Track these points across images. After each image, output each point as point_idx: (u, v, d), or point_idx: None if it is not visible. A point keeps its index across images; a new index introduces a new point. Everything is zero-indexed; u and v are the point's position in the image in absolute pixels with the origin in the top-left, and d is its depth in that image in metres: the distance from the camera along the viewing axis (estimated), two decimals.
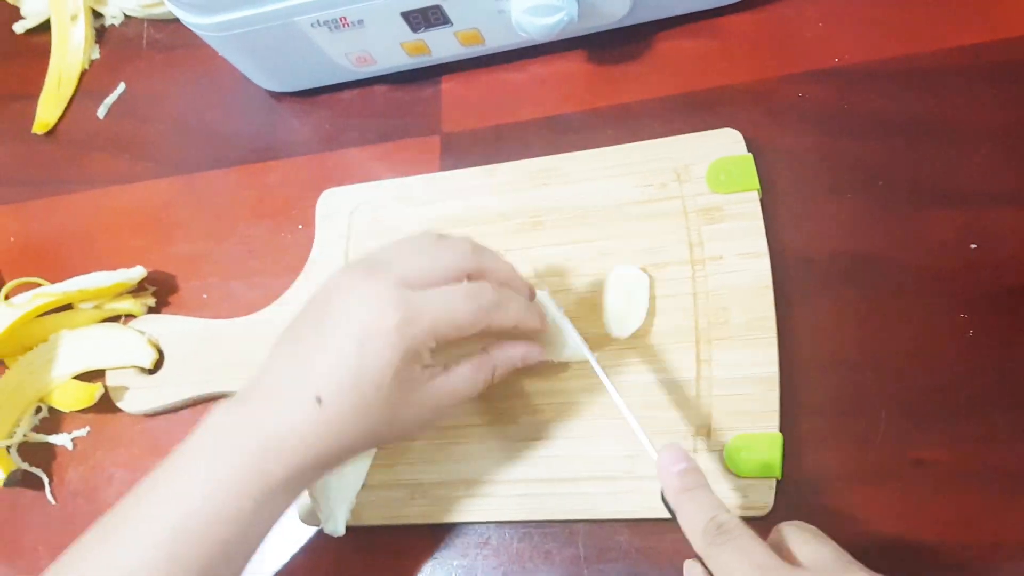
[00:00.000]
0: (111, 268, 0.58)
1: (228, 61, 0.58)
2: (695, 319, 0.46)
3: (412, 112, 0.59)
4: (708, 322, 0.45)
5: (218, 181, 0.61)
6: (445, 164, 0.56)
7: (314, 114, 0.61)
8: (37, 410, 0.57)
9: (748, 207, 0.47)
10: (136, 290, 0.59)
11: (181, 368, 0.55)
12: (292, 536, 0.49)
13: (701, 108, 0.52)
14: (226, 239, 0.59)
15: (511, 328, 0.41)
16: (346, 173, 0.58)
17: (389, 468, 0.48)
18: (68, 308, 0.59)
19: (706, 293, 0.46)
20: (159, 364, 0.55)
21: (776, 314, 0.44)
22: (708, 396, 0.44)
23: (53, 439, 0.56)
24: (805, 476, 0.43)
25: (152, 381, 0.55)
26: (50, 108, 0.67)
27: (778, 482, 0.42)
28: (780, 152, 0.49)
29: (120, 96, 0.67)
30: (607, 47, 0.56)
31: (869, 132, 0.48)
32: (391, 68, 0.57)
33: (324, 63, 0.56)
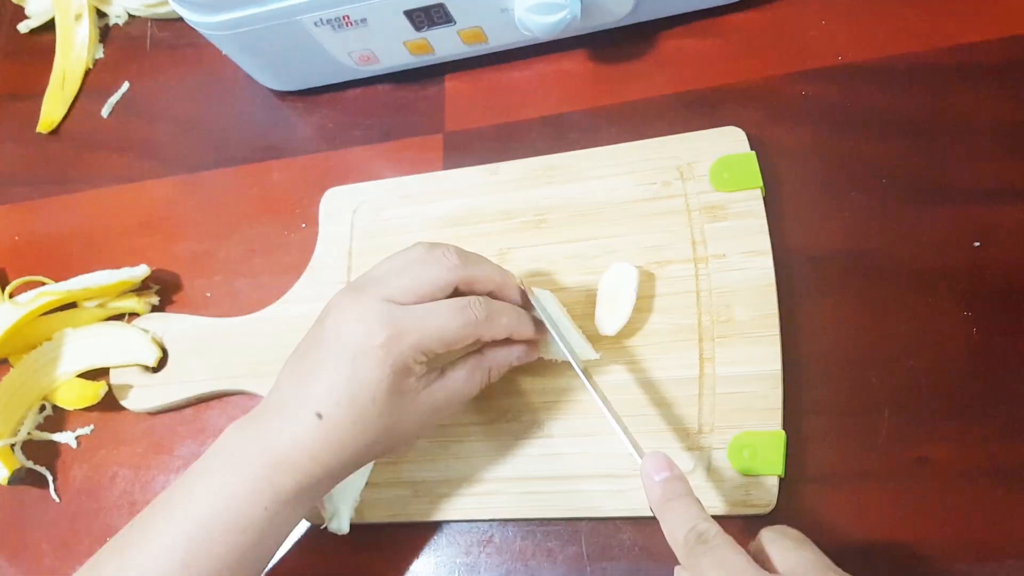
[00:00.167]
0: (115, 267, 0.58)
1: (232, 60, 0.58)
2: (698, 317, 0.46)
3: (415, 111, 0.59)
4: (711, 320, 0.45)
5: (222, 180, 0.61)
6: (448, 163, 0.56)
7: (317, 113, 0.61)
8: (41, 408, 0.57)
9: (751, 205, 0.47)
10: (140, 288, 0.59)
11: (185, 366, 0.55)
12: (297, 535, 0.49)
13: (704, 106, 0.52)
14: (229, 238, 0.59)
15: (503, 339, 0.42)
16: (349, 172, 0.58)
17: (392, 466, 0.48)
18: (72, 307, 0.59)
19: (709, 291, 0.46)
20: (163, 362, 0.55)
21: (779, 312, 0.44)
22: (711, 394, 0.44)
23: (57, 437, 0.56)
24: (808, 474, 0.43)
25: (156, 379, 0.55)
26: (54, 107, 0.68)
27: (781, 480, 0.42)
28: (783, 150, 0.49)
29: (124, 95, 0.67)
30: (610, 45, 0.56)
31: (872, 130, 0.48)
32: (394, 67, 0.57)
33: (327, 62, 0.56)
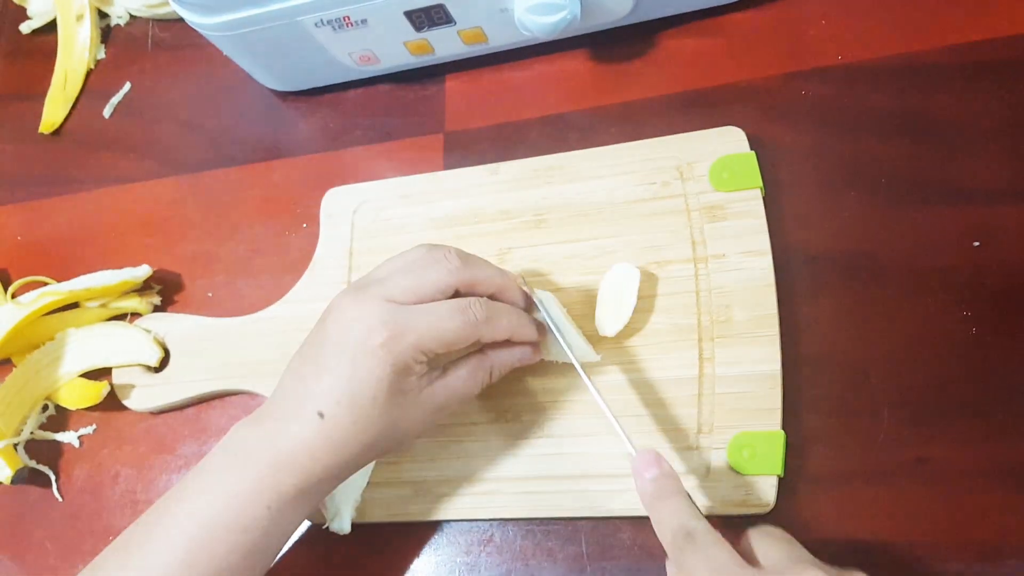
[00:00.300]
0: (117, 267, 0.58)
1: (233, 61, 0.59)
2: (697, 317, 0.46)
3: (416, 111, 0.59)
4: (711, 320, 0.45)
5: (223, 180, 0.62)
6: (449, 162, 0.57)
7: (318, 113, 0.61)
8: (44, 408, 0.58)
9: (751, 205, 0.47)
10: (142, 288, 0.59)
11: (187, 366, 0.55)
12: (298, 534, 0.49)
13: (704, 106, 0.52)
14: (231, 238, 0.59)
15: (504, 340, 0.43)
16: (350, 172, 0.58)
17: (393, 466, 0.48)
18: (74, 307, 0.59)
19: (708, 291, 0.46)
20: (165, 362, 0.55)
21: (778, 312, 0.45)
22: (710, 394, 0.44)
23: (60, 437, 0.57)
24: (807, 474, 0.43)
25: (158, 379, 0.55)
26: (56, 108, 0.68)
27: (780, 480, 0.42)
28: (783, 150, 0.49)
29: (126, 96, 0.67)
30: (610, 45, 0.56)
31: (872, 129, 0.48)
32: (395, 67, 0.57)
33: (328, 62, 0.56)
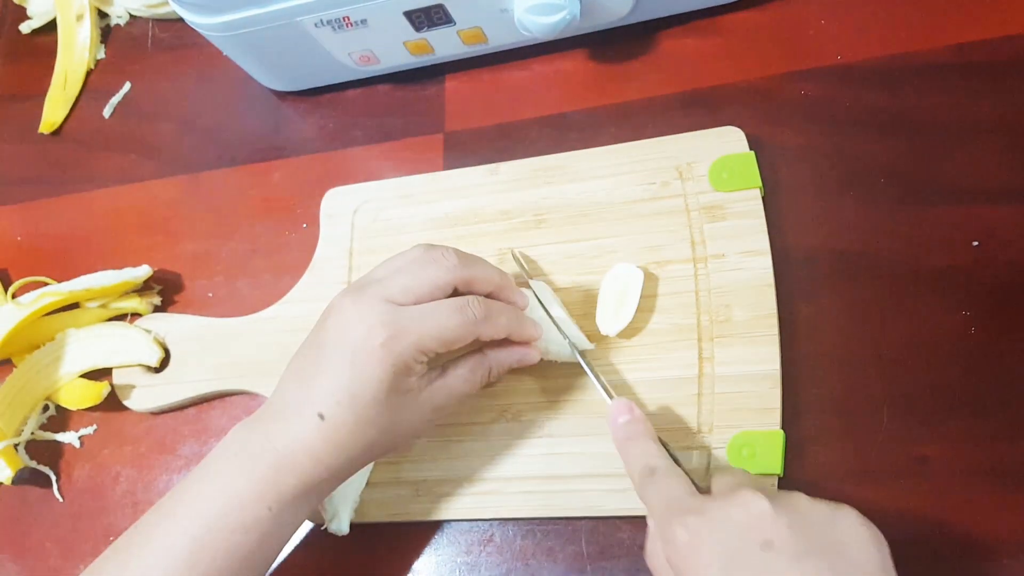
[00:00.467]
0: (117, 267, 0.58)
1: (233, 61, 0.59)
2: (697, 317, 0.46)
3: (415, 111, 0.59)
4: (710, 320, 0.46)
5: (223, 180, 0.62)
6: (448, 163, 0.57)
7: (318, 113, 0.61)
8: (44, 408, 0.58)
9: (750, 205, 0.47)
10: (142, 289, 0.59)
11: (187, 366, 0.55)
12: (297, 535, 0.49)
13: (703, 106, 0.52)
14: (231, 238, 0.59)
15: (503, 338, 0.43)
16: (350, 172, 0.58)
17: (393, 466, 0.48)
18: (75, 307, 0.59)
19: (708, 291, 0.46)
20: (165, 362, 0.55)
21: (778, 312, 0.45)
22: (710, 393, 0.44)
23: (60, 437, 0.57)
24: (807, 474, 0.43)
25: (158, 379, 0.55)
26: (56, 108, 0.68)
27: (780, 479, 0.42)
28: (782, 150, 0.49)
29: (126, 95, 0.67)
30: (609, 45, 0.56)
31: (871, 129, 0.48)
32: (394, 67, 0.57)
33: (328, 62, 0.56)
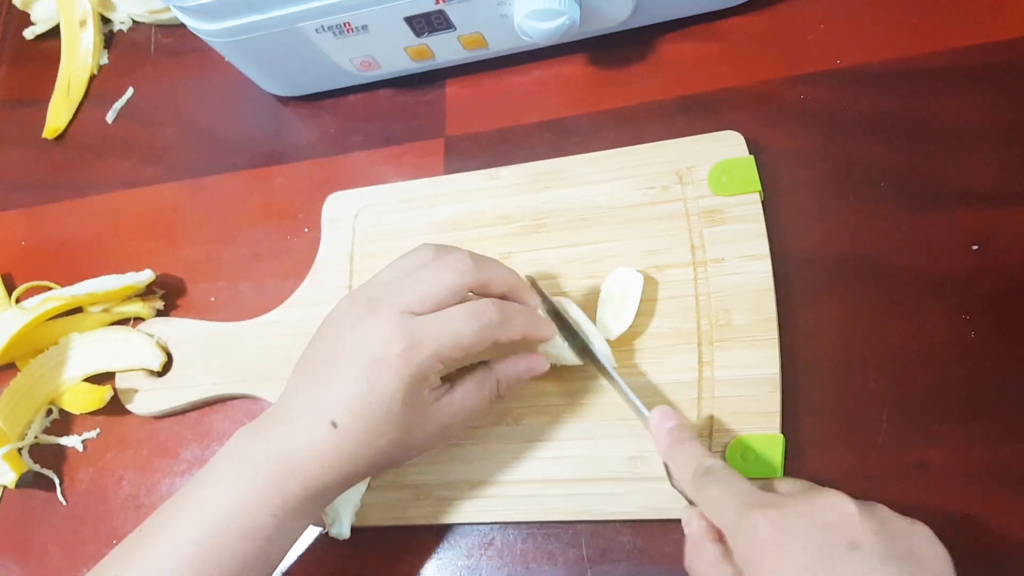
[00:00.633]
0: (120, 271, 0.58)
1: (234, 66, 0.59)
2: (697, 321, 0.46)
3: (416, 116, 0.59)
4: (710, 324, 0.46)
5: (225, 185, 0.62)
6: (449, 167, 0.57)
7: (319, 118, 0.62)
8: (48, 412, 0.58)
9: (749, 209, 0.47)
10: (145, 293, 0.59)
11: (189, 370, 0.55)
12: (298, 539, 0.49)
13: (703, 110, 0.52)
14: (233, 242, 0.60)
15: (519, 340, 0.42)
16: (351, 176, 0.59)
17: (394, 470, 0.48)
18: (78, 311, 0.59)
19: (708, 295, 0.46)
20: (168, 366, 0.56)
21: (777, 315, 0.45)
22: (710, 398, 0.44)
23: (64, 441, 0.57)
24: (807, 477, 0.42)
25: (161, 383, 0.55)
26: (60, 113, 0.68)
27: None
28: (782, 154, 0.49)
29: (128, 101, 0.68)
30: (609, 50, 0.56)
31: (870, 133, 0.48)
32: (395, 72, 0.58)
33: (329, 68, 0.56)
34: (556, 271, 0.50)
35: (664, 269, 0.48)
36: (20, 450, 0.56)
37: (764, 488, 0.37)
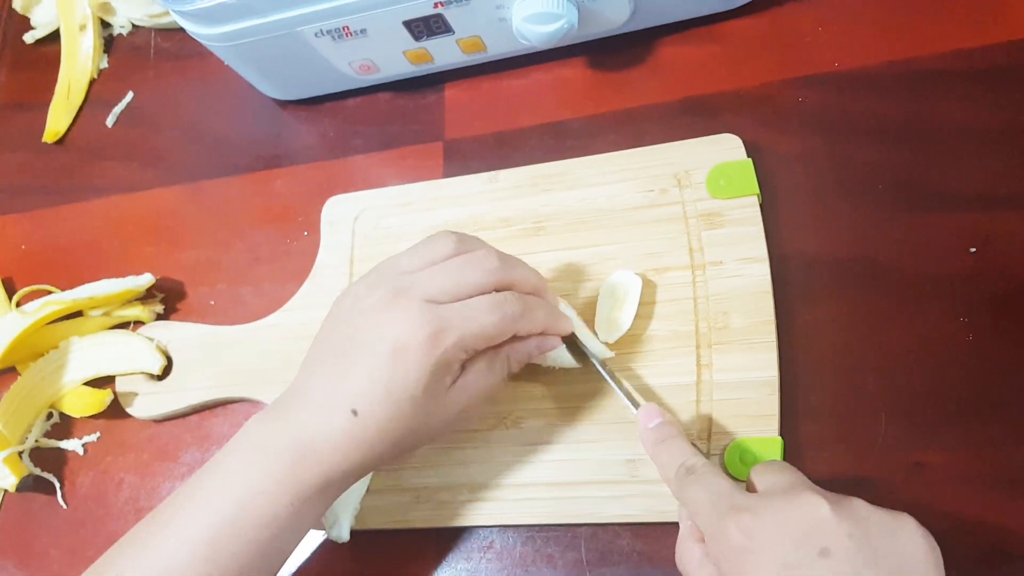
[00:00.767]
0: (120, 275, 0.58)
1: (234, 70, 0.59)
2: (695, 324, 0.46)
3: (415, 119, 0.59)
4: (708, 326, 0.46)
5: (225, 188, 0.62)
6: (448, 170, 0.57)
7: (319, 122, 0.62)
8: (48, 416, 0.58)
9: (748, 212, 0.47)
10: (145, 297, 0.59)
11: (189, 374, 0.55)
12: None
13: (701, 113, 0.52)
14: (233, 246, 0.60)
15: (538, 334, 0.42)
16: (351, 180, 0.59)
17: (393, 473, 0.48)
18: (78, 315, 0.59)
19: (706, 298, 0.46)
20: (168, 370, 0.56)
21: (776, 318, 0.45)
22: (708, 400, 0.44)
23: (64, 444, 0.57)
24: None
25: (161, 387, 0.55)
26: (60, 117, 0.68)
27: None
28: (780, 157, 0.49)
29: (128, 105, 0.68)
30: (608, 53, 0.56)
31: (869, 136, 0.49)
32: (394, 76, 0.58)
33: (328, 72, 0.56)
34: (555, 274, 0.50)
35: (663, 272, 0.48)
36: (20, 454, 0.57)
37: (752, 480, 0.38)
